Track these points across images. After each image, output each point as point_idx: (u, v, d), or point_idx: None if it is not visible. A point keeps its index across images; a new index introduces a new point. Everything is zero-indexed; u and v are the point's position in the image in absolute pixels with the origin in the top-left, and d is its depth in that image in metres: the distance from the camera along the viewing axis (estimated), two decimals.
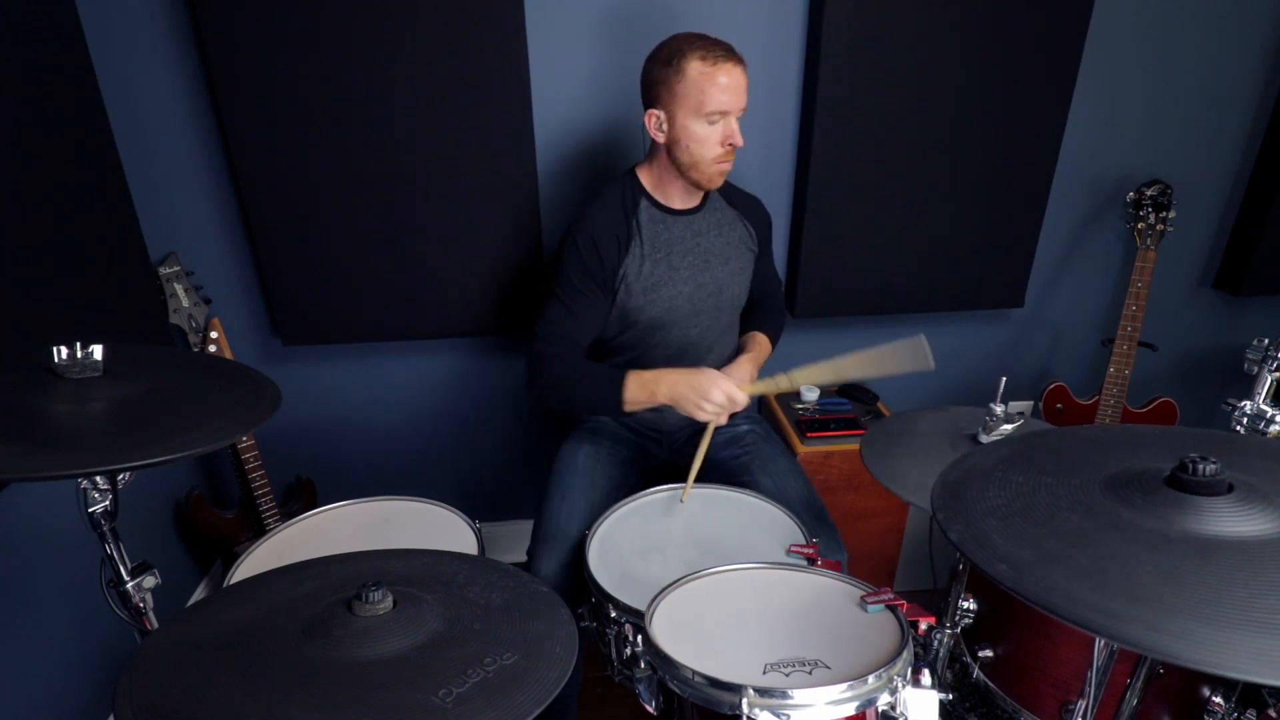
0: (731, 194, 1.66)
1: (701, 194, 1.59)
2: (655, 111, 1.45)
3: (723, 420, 1.45)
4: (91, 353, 0.95)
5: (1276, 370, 1.30)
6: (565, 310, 1.51)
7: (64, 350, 0.94)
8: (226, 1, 1.60)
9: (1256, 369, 1.32)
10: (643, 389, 1.44)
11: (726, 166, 1.47)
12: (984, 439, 1.25)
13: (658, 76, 1.42)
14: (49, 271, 1.45)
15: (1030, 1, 1.81)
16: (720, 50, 1.39)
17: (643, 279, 1.54)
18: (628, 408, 1.45)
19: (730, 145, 1.43)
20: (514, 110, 1.78)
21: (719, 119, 1.41)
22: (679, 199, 1.56)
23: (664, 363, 1.61)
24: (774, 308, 1.82)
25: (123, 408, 0.93)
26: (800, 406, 2.08)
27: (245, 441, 1.86)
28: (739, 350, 1.69)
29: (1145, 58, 1.98)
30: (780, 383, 1.42)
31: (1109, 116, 2.04)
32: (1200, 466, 0.76)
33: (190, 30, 1.67)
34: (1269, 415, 1.26)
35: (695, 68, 1.38)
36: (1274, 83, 2.05)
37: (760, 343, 1.70)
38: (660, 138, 1.46)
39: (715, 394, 1.38)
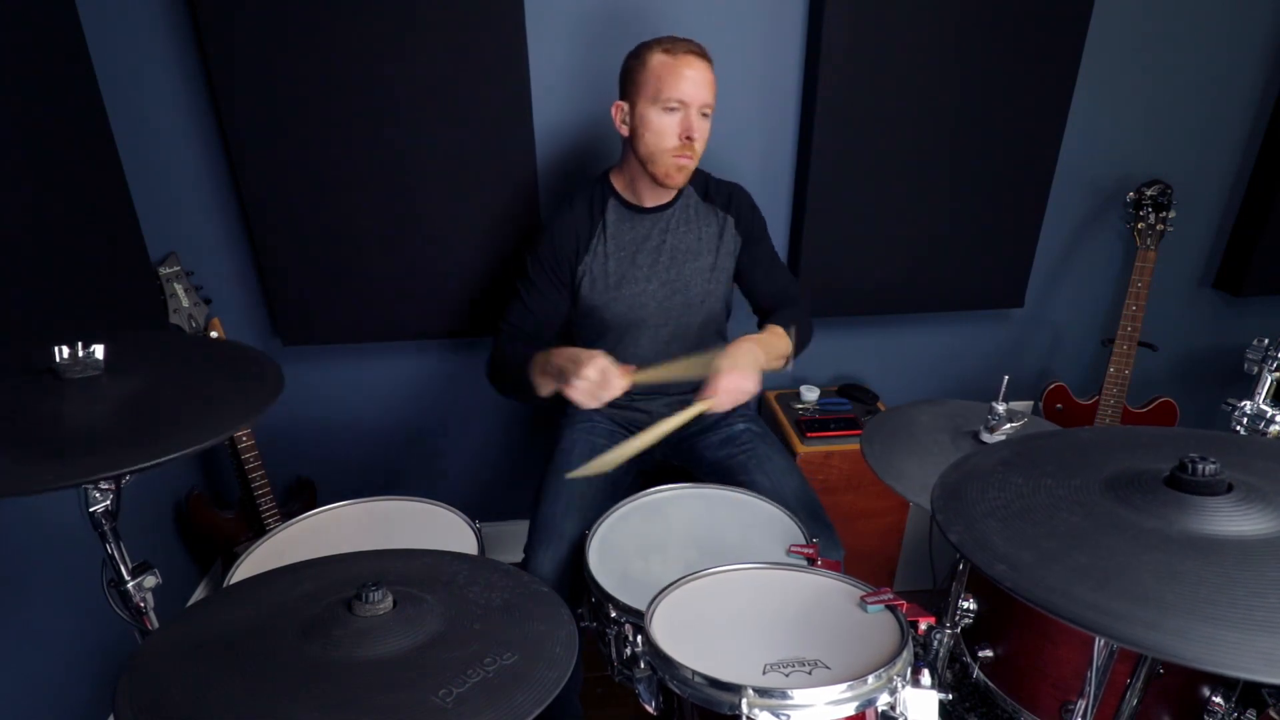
0: (707, 186, 1.63)
1: (672, 192, 1.57)
2: (620, 103, 1.49)
3: (599, 401, 1.34)
4: (93, 351, 0.95)
5: (1276, 370, 1.30)
6: (520, 304, 1.59)
7: (65, 350, 0.94)
8: (226, 1, 1.60)
9: (1256, 369, 1.32)
10: (539, 365, 1.44)
11: (685, 162, 1.46)
12: (987, 438, 1.25)
13: (624, 68, 1.48)
14: (49, 272, 1.44)
15: (1030, 1, 1.81)
16: (684, 45, 1.42)
17: (606, 276, 1.56)
18: (541, 391, 1.45)
19: (688, 139, 1.43)
20: (514, 110, 1.78)
21: (677, 108, 1.42)
22: (648, 197, 1.56)
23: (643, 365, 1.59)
24: (788, 302, 1.71)
25: (126, 405, 0.93)
26: (800, 406, 2.08)
27: (245, 441, 1.86)
28: None
29: (1145, 58, 1.98)
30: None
31: (1109, 116, 2.04)
32: (1200, 466, 0.76)
33: (190, 30, 1.67)
34: (1269, 415, 1.26)
35: (657, 59, 1.42)
36: (1274, 83, 2.05)
37: (772, 330, 1.58)
38: (624, 131, 1.50)
39: (589, 369, 1.30)
